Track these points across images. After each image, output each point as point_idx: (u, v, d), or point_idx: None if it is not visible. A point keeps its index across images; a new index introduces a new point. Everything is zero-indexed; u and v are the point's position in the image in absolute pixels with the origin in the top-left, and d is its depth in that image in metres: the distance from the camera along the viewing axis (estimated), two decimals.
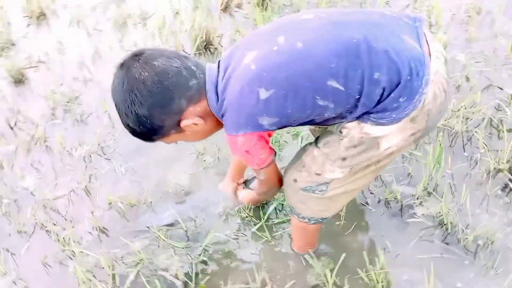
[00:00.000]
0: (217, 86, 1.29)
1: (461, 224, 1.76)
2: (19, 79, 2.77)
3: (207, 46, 2.84)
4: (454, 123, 2.13)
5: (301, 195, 1.45)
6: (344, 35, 1.20)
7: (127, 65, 1.25)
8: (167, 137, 1.35)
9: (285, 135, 2.20)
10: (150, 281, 1.72)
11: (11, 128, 2.46)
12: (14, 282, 1.80)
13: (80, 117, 2.46)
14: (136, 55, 1.26)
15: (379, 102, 1.22)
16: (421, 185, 1.87)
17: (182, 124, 1.30)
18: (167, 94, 1.24)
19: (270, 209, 1.86)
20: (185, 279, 1.72)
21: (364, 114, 1.25)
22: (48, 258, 1.86)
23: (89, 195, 2.08)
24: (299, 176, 1.42)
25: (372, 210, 1.87)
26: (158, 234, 1.85)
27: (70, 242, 1.85)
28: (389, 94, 1.20)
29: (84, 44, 3.00)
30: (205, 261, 1.77)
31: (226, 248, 1.81)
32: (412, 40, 1.24)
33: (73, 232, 1.91)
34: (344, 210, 1.81)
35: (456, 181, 1.92)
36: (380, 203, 1.89)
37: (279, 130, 1.57)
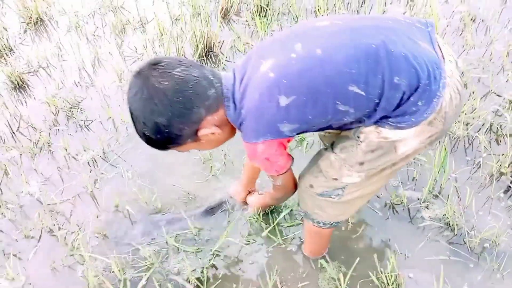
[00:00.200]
0: (234, 95, 1.30)
1: (467, 227, 1.80)
2: (19, 85, 2.76)
3: (208, 53, 2.86)
4: (456, 128, 2.18)
5: (317, 200, 1.46)
6: (362, 41, 1.22)
7: (145, 74, 1.24)
8: (182, 146, 1.34)
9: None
10: (162, 285, 1.73)
11: (13, 134, 2.45)
12: (23, 287, 1.79)
13: (84, 123, 2.46)
14: (154, 64, 1.25)
15: (398, 106, 1.24)
16: (426, 189, 1.91)
17: (200, 133, 1.30)
18: (187, 104, 1.24)
19: (282, 215, 1.87)
20: (196, 283, 1.72)
21: (382, 119, 1.27)
22: (56, 263, 1.86)
23: (96, 200, 2.08)
24: (316, 182, 1.44)
25: (379, 214, 1.90)
26: (168, 239, 1.85)
27: (79, 247, 1.85)
28: (409, 98, 1.22)
29: (84, 50, 3.00)
30: (216, 266, 1.78)
31: (237, 252, 1.82)
32: (427, 45, 1.27)
33: (81, 237, 1.90)
34: (352, 214, 1.84)
35: (460, 185, 1.96)
36: (387, 207, 1.92)
37: None
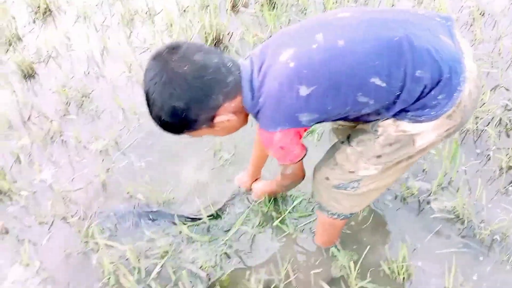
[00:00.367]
0: (252, 83, 1.30)
1: (476, 219, 1.83)
2: (29, 74, 2.77)
3: (217, 45, 2.87)
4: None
5: (333, 193, 1.48)
6: (384, 33, 1.22)
7: (165, 58, 1.23)
8: (196, 131, 1.34)
9: None
10: (176, 273, 1.75)
11: (24, 123, 2.47)
12: (37, 273, 1.82)
13: (95, 113, 2.47)
14: (173, 48, 1.25)
15: (419, 99, 1.25)
16: (437, 181, 1.93)
17: (216, 120, 1.30)
18: (206, 90, 1.23)
19: (294, 204, 1.90)
20: (210, 271, 1.75)
21: (401, 112, 1.28)
22: (70, 250, 1.88)
23: (108, 188, 2.10)
24: (332, 174, 1.45)
25: (390, 205, 1.92)
26: (181, 228, 1.87)
27: (94, 234, 1.87)
28: (430, 91, 1.23)
29: (92, 40, 3.01)
30: (228, 254, 1.81)
31: (249, 242, 1.84)
32: (447, 39, 1.28)
33: (95, 225, 1.93)
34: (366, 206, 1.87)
35: (469, 177, 1.98)
36: (397, 198, 1.94)
37: None
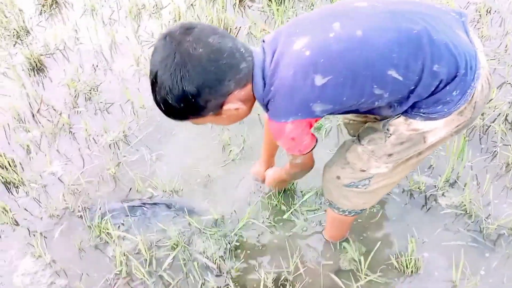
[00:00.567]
0: (264, 71, 1.25)
1: (483, 214, 1.85)
2: (38, 67, 2.79)
3: None
4: None
5: (344, 191, 1.49)
6: (404, 25, 1.20)
7: (178, 38, 1.17)
8: (202, 118, 1.29)
9: None
10: (186, 264, 1.78)
11: (34, 115, 2.48)
12: (50, 264, 1.84)
13: (104, 106, 2.49)
14: (187, 29, 1.19)
15: (433, 94, 1.23)
16: (444, 177, 1.95)
17: (225, 107, 1.26)
18: (220, 75, 1.19)
19: (305, 198, 1.92)
20: (220, 263, 1.77)
21: (414, 109, 1.27)
22: (82, 242, 1.91)
23: (118, 181, 2.12)
24: (343, 173, 1.46)
25: (397, 200, 1.94)
26: (191, 221, 1.90)
27: (106, 227, 1.89)
28: (445, 87, 1.22)
29: (100, 33, 3.02)
30: (238, 247, 1.83)
31: (259, 234, 1.87)
32: (463, 34, 1.27)
33: (106, 217, 1.95)
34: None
35: (476, 173, 2.00)
36: (404, 193, 1.96)
37: None
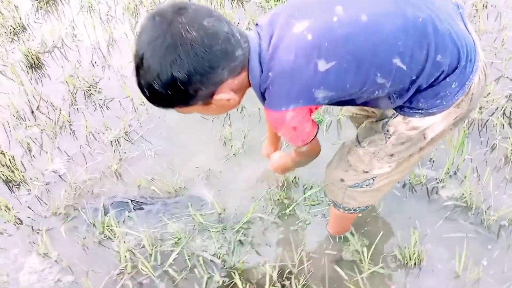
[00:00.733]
0: (261, 55, 1.17)
1: (484, 206, 1.87)
2: (36, 64, 2.78)
3: None
4: (471, 112, 2.23)
5: (348, 192, 1.49)
6: (409, 12, 1.14)
7: (169, 19, 1.07)
8: (188, 107, 1.19)
9: None
10: (190, 259, 1.79)
11: (33, 112, 2.48)
12: (56, 262, 1.84)
13: (104, 102, 2.49)
14: (180, 8, 1.08)
15: (432, 86, 1.19)
16: (445, 169, 1.97)
17: (216, 97, 1.16)
18: (213, 62, 1.09)
19: (307, 194, 1.93)
20: (224, 258, 1.78)
21: (412, 103, 1.23)
22: (86, 238, 1.91)
23: (121, 178, 2.12)
24: (346, 176, 1.45)
25: (398, 193, 1.96)
26: (194, 216, 1.90)
27: (110, 223, 1.90)
28: (445, 78, 1.18)
29: (98, 30, 3.01)
30: (242, 241, 1.84)
31: (262, 228, 1.88)
32: (462, 26, 1.24)
33: (109, 214, 1.95)
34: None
35: (476, 166, 2.03)
36: (406, 187, 1.98)
37: None
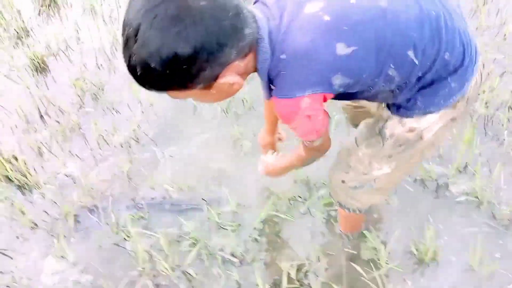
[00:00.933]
0: (271, 36, 1.06)
1: (495, 200, 1.90)
2: (41, 67, 2.78)
3: None
4: (477, 107, 2.26)
5: (350, 192, 1.50)
6: (424, 5, 1.10)
7: None
8: (185, 92, 1.04)
9: None
10: (209, 258, 1.80)
11: (41, 116, 2.48)
12: (74, 264, 1.85)
13: (112, 105, 2.50)
14: None
15: (432, 84, 1.16)
16: (455, 165, 2.00)
17: (220, 81, 1.03)
18: (221, 38, 0.95)
19: (320, 193, 1.96)
20: (241, 257, 1.80)
21: (410, 101, 1.21)
22: (102, 240, 1.92)
23: (132, 180, 2.13)
24: (347, 177, 1.45)
25: (410, 189, 1.98)
26: (209, 215, 1.92)
27: (126, 224, 1.91)
28: (446, 77, 1.16)
29: (101, 33, 3.02)
30: (258, 240, 1.86)
31: (277, 227, 1.90)
32: (466, 25, 1.22)
33: (122, 214, 1.97)
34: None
35: (485, 160, 2.06)
36: (417, 183, 2.01)
37: None
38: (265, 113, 1.75)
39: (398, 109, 1.25)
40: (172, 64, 0.94)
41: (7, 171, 2.14)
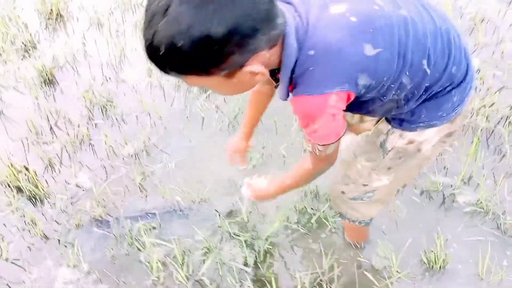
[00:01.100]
0: (298, 31, 1.05)
1: (499, 210, 1.96)
2: (50, 80, 2.81)
3: None
4: (478, 121, 2.33)
5: (350, 204, 1.56)
6: (437, 19, 1.16)
7: None
8: (206, 78, 0.99)
9: None
10: (222, 268, 1.83)
11: (51, 128, 2.51)
12: (88, 273, 1.87)
13: (121, 117, 2.53)
14: None
15: (436, 97, 1.21)
16: (460, 177, 2.06)
17: (246, 69, 0.99)
18: (257, 23, 0.92)
19: (328, 204, 2.00)
20: (254, 267, 1.83)
21: (414, 116, 1.25)
22: (114, 250, 1.94)
23: (144, 191, 2.16)
24: (347, 188, 1.51)
25: (417, 200, 2.04)
26: (222, 225, 1.95)
27: (140, 233, 1.93)
28: (450, 91, 1.21)
29: (109, 46, 3.06)
30: (270, 250, 1.89)
31: (289, 238, 1.93)
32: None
33: (134, 224, 1.99)
34: (392, 200, 1.99)
35: (488, 172, 2.12)
36: (424, 194, 2.06)
37: None
38: (248, 115, 1.68)
39: (401, 123, 1.29)
40: (202, 45, 0.89)
41: (19, 182, 2.16)
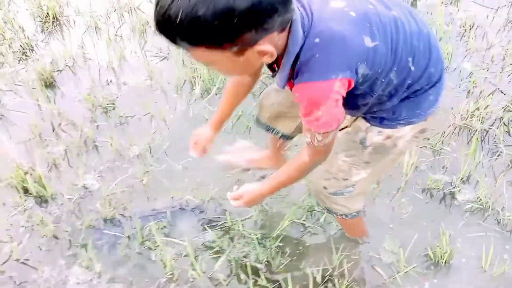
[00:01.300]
0: (303, 20, 1.12)
1: (498, 207, 2.05)
2: (50, 83, 2.82)
3: None
4: (474, 123, 2.43)
5: (332, 198, 1.62)
6: (419, 22, 1.27)
7: None
8: (216, 52, 1.03)
9: None
10: (234, 267, 1.87)
11: (54, 130, 2.51)
12: (100, 273, 1.89)
13: (124, 119, 2.55)
14: None
15: (415, 95, 1.31)
16: (460, 175, 2.14)
17: (258, 48, 1.04)
18: (276, 1, 0.99)
19: None
20: (267, 264, 1.88)
21: (395, 114, 1.34)
22: (126, 250, 1.96)
23: (152, 190, 2.19)
24: (328, 183, 1.57)
25: (420, 198, 2.11)
26: (233, 222, 1.99)
27: (152, 232, 1.96)
28: (427, 90, 1.32)
29: (108, 50, 3.07)
30: (281, 247, 1.94)
31: (299, 234, 1.99)
32: None
33: (144, 224, 2.02)
34: (397, 198, 2.06)
35: (486, 171, 2.21)
36: (425, 192, 2.14)
37: None
38: (222, 106, 1.70)
39: (382, 121, 1.38)
40: (224, 16, 0.92)
41: (26, 183, 2.16)
